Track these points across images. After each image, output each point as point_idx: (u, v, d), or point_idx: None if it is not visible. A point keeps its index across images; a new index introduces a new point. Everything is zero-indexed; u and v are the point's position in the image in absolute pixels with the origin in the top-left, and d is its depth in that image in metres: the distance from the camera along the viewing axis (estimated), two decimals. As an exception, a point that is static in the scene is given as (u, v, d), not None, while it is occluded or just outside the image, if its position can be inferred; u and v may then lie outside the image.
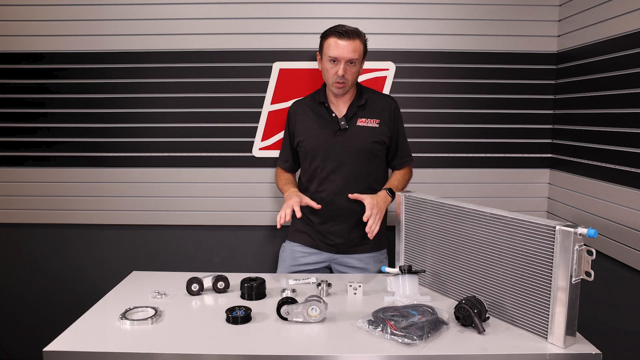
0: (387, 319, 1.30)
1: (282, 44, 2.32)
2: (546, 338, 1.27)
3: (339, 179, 1.86)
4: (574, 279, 1.21)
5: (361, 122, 1.87)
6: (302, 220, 1.95)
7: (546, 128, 2.38)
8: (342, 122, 1.85)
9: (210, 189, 2.42)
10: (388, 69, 2.34)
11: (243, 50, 2.33)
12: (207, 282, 1.60)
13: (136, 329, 1.34)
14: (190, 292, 1.58)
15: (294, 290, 1.56)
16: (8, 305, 2.54)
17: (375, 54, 2.32)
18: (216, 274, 1.62)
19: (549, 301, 1.26)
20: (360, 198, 1.74)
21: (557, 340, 1.24)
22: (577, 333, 1.27)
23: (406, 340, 1.23)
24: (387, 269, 1.58)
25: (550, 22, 2.31)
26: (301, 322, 1.36)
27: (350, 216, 1.89)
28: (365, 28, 2.28)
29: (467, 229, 1.49)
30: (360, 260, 1.94)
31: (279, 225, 1.66)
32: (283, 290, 1.56)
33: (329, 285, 1.60)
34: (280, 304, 1.38)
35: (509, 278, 1.37)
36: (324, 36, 1.81)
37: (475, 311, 1.31)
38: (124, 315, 1.38)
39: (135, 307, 1.43)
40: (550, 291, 1.25)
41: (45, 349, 1.23)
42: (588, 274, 1.21)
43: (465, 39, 2.32)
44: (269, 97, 2.35)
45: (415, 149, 2.39)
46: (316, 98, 1.93)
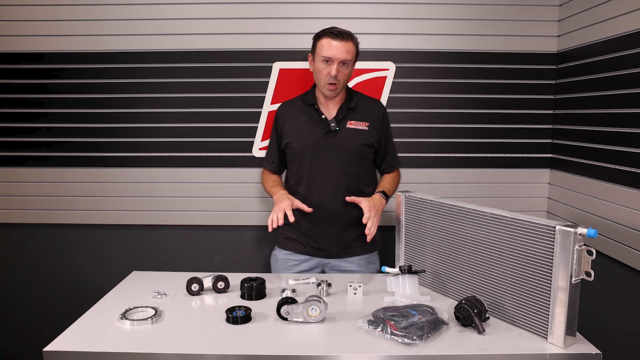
0: (387, 319, 1.30)
1: (282, 44, 2.32)
2: (546, 338, 1.27)
3: (328, 181, 1.85)
4: (574, 279, 1.21)
5: (351, 124, 1.86)
6: (291, 226, 1.92)
7: (546, 128, 2.38)
8: (333, 124, 1.84)
9: (210, 189, 2.42)
10: (388, 69, 2.34)
11: (243, 50, 2.33)
12: (207, 282, 1.60)
13: (136, 329, 1.34)
14: (190, 292, 1.58)
15: (294, 290, 1.56)
16: (8, 305, 2.54)
17: (375, 54, 2.33)
18: (216, 274, 1.62)
19: (549, 301, 1.26)
20: (357, 201, 1.73)
21: (557, 340, 1.24)
22: (577, 333, 1.27)
23: (406, 340, 1.23)
24: (387, 269, 1.57)
25: (550, 22, 2.31)
26: (301, 322, 1.36)
27: (340, 219, 1.88)
28: (365, 28, 2.30)
29: (467, 229, 1.49)
30: (353, 263, 1.93)
31: (270, 229, 1.64)
32: (283, 290, 1.56)
33: (329, 285, 1.60)
34: (280, 304, 1.38)
35: (509, 278, 1.37)
36: (317, 37, 1.81)
37: (475, 311, 1.31)
38: (124, 315, 1.38)
39: (135, 307, 1.43)
40: (550, 291, 1.25)
41: (45, 349, 1.23)
42: (588, 274, 1.21)
43: (465, 39, 2.32)
44: (269, 97, 2.35)
45: (415, 149, 2.40)
46: (305, 99, 1.92)
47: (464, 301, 1.34)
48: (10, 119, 2.39)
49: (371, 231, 1.66)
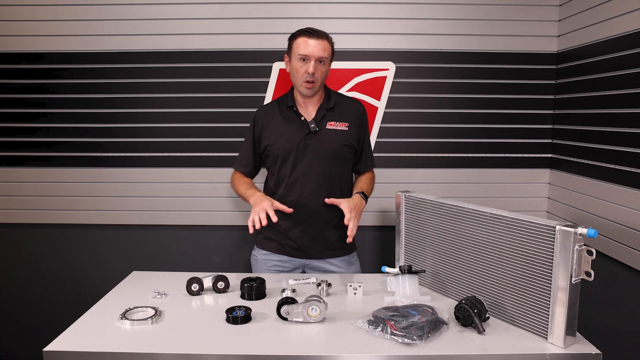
0: (387, 319, 1.30)
1: (282, 44, 2.29)
2: (546, 338, 1.27)
3: (309, 182, 1.84)
4: (574, 279, 1.21)
5: (331, 125, 1.86)
6: (270, 227, 1.88)
7: (546, 128, 2.38)
8: (312, 125, 1.83)
9: (210, 189, 2.42)
10: (388, 69, 2.34)
11: (243, 50, 2.33)
12: (207, 282, 1.60)
13: (136, 329, 1.34)
14: (190, 292, 1.58)
15: (294, 290, 1.56)
16: (8, 305, 2.54)
17: (375, 54, 2.33)
18: (216, 274, 1.62)
19: (549, 301, 1.26)
20: (336, 202, 1.72)
21: (557, 340, 1.24)
22: (577, 333, 1.27)
23: (406, 340, 1.23)
24: (387, 269, 1.57)
25: (550, 22, 2.31)
26: (301, 322, 1.36)
27: (320, 219, 1.87)
28: (365, 28, 2.31)
29: (467, 229, 1.49)
30: (333, 264, 1.93)
31: (251, 230, 1.62)
32: (283, 290, 1.56)
33: (329, 285, 1.60)
34: (280, 304, 1.38)
35: (509, 278, 1.37)
36: (293, 37, 1.82)
37: (475, 311, 1.31)
38: (124, 315, 1.38)
39: (135, 307, 1.43)
40: (550, 291, 1.25)
41: (45, 349, 1.23)
42: (588, 274, 1.21)
43: (465, 39, 2.32)
44: (269, 97, 2.35)
45: (415, 149, 2.40)
46: (284, 102, 1.91)
47: (464, 301, 1.34)
48: (10, 119, 2.39)
49: (352, 232, 1.65)
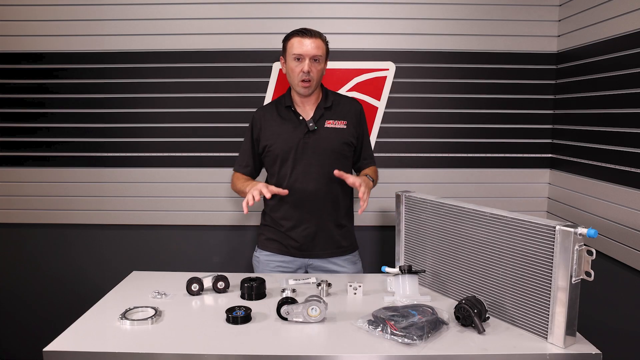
0: (387, 319, 1.30)
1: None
2: (546, 338, 1.27)
3: (309, 181, 1.85)
4: (574, 279, 1.21)
5: (329, 123, 1.87)
6: (271, 227, 1.94)
7: (546, 128, 2.38)
8: (311, 124, 1.85)
9: (210, 189, 2.42)
10: (388, 69, 2.34)
11: (243, 50, 2.33)
12: (207, 282, 1.60)
13: (136, 329, 1.34)
14: (190, 292, 1.58)
15: (294, 290, 1.56)
16: (8, 305, 2.54)
17: (375, 54, 2.33)
18: (216, 274, 1.62)
19: (549, 301, 1.26)
20: (345, 177, 1.71)
21: (557, 340, 1.24)
22: (577, 333, 1.27)
23: (406, 340, 1.23)
24: (387, 269, 1.57)
25: (550, 22, 2.31)
26: (301, 322, 1.36)
27: (322, 218, 1.88)
28: (365, 28, 2.31)
29: (467, 229, 1.49)
30: (336, 263, 1.93)
31: (245, 210, 1.61)
32: (283, 290, 1.56)
33: (329, 285, 1.60)
34: (280, 304, 1.38)
35: (509, 278, 1.37)
36: (287, 38, 1.84)
37: (475, 311, 1.31)
38: (124, 315, 1.38)
39: (135, 307, 1.43)
40: (550, 291, 1.25)
41: (45, 349, 1.23)
42: (588, 274, 1.21)
43: (465, 39, 2.32)
44: (269, 97, 2.35)
45: (415, 149, 2.40)
46: (282, 102, 1.93)
47: (464, 301, 1.34)
48: (10, 119, 2.39)
49: (364, 206, 1.65)
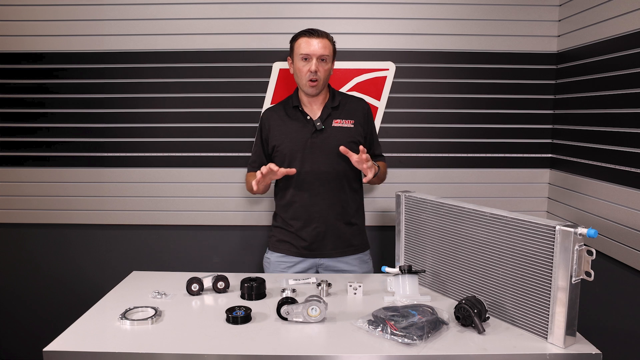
0: (387, 319, 1.30)
1: (282, 44, 2.31)
2: (546, 338, 1.27)
3: (318, 181, 1.87)
4: (574, 279, 1.21)
5: (336, 122, 1.89)
6: (282, 228, 1.95)
7: (546, 128, 2.38)
8: (318, 123, 1.87)
9: (210, 189, 2.42)
10: (388, 69, 2.34)
11: (243, 50, 2.33)
12: (207, 282, 1.60)
13: (136, 329, 1.34)
14: (190, 292, 1.58)
15: (294, 290, 1.56)
16: (8, 305, 2.54)
17: (375, 54, 2.33)
18: (216, 274, 1.62)
19: (549, 301, 1.26)
20: (349, 154, 1.71)
21: (557, 340, 1.24)
22: (577, 333, 1.27)
23: (406, 340, 1.23)
24: (387, 269, 1.57)
25: (550, 22, 2.31)
26: (301, 322, 1.36)
27: (331, 218, 1.88)
28: (365, 28, 2.31)
29: (467, 229, 1.49)
30: (347, 263, 1.94)
31: (255, 187, 1.67)
32: (283, 290, 1.56)
33: (329, 285, 1.60)
34: (280, 304, 1.38)
35: (509, 278, 1.37)
36: (294, 39, 1.86)
37: (475, 311, 1.31)
38: (124, 315, 1.38)
39: (135, 307, 1.43)
40: (550, 291, 1.25)
41: (45, 349, 1.23)
42: (588, 274, 1.21)
43: (465, 39, 2.32)
44: (269, 97, 2.35)
45: (415, 149, 2.40)
46: (289, 102, 1.95)
47: (464, 301, 1.34)
48: (10, 119, 2.39)
49: (368, 164, 1.68)
